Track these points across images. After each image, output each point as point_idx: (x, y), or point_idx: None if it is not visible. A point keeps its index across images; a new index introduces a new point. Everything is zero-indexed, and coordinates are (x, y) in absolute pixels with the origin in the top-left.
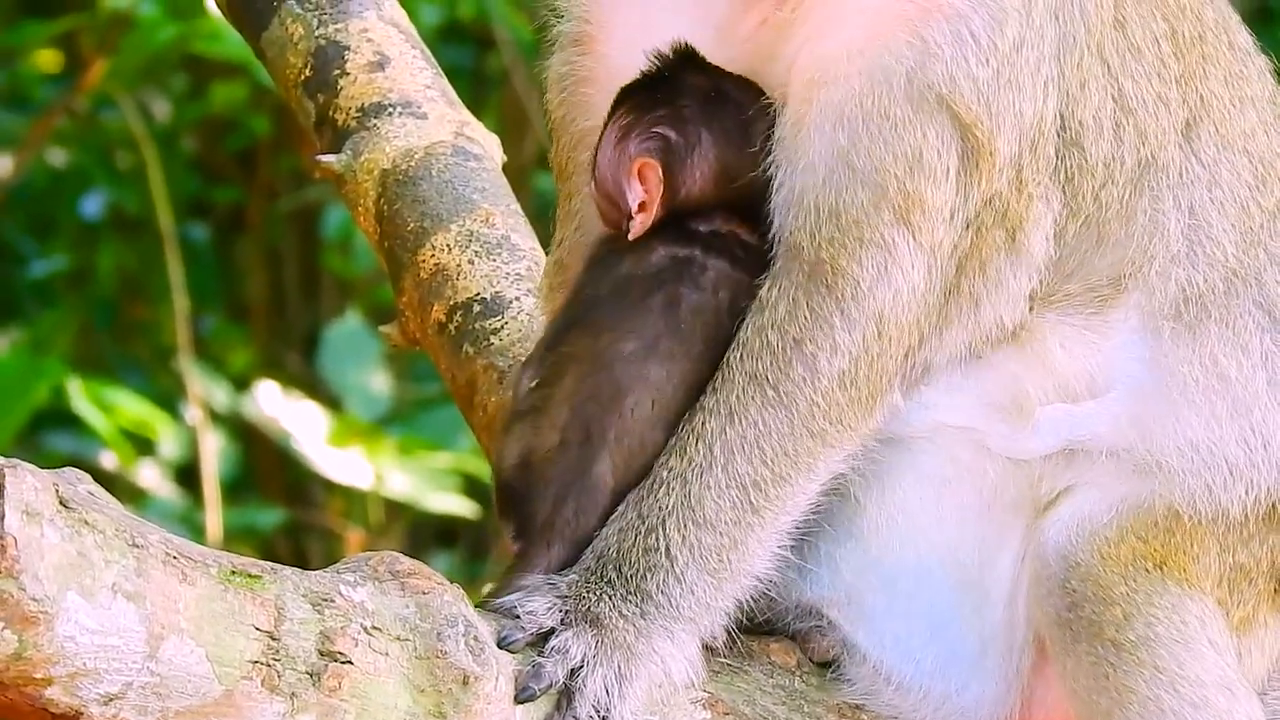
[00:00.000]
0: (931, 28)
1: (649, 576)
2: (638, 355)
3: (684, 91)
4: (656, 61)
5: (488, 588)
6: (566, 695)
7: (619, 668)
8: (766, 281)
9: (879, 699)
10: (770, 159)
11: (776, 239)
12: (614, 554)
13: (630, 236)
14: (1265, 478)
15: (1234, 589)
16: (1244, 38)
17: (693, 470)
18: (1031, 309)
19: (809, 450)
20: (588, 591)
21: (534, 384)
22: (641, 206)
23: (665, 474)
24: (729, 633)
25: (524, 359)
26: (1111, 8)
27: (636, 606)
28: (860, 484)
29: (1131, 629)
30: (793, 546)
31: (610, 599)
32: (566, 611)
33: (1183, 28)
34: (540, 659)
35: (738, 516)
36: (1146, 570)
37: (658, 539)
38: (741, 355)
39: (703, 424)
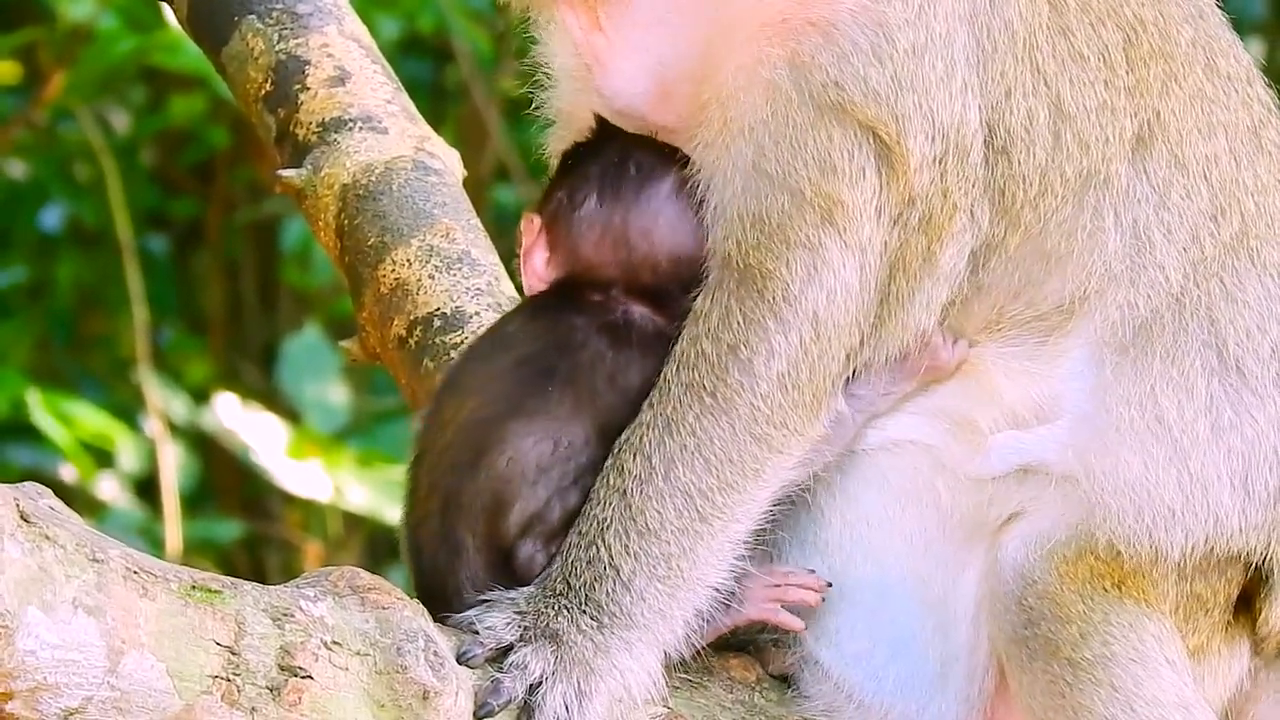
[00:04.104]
0: (805, 42)
1: (597, 586)
2: (496, 417)
3: (588, 161)
4: (586, 133)
5: None
6: (526, 711)
7: (578, 684)
8: (700, 294)
9: (840, 716)
10: (697, 179)
11: (710, 253)
12: (563, 569)
13: (525, 290)
14: (1203, 525)
15: (1189, 616)
16: (1232, 63)
17: (631, 482)
18: (974, 342)
19: (755, 456)
20: (546, 606)
21: (412, 458)
22: (524, 255)
23: (603, 490)
24: (690, 645)
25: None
26: (1046, 15)
27: (592, 619)
28: (825, 495)
29: (1088, 647)
30: (759, 559)
31: (568, 613)
32: (525, 627)
33: (1141, 41)
34: (499, 675)
35: (684, 525)
36: (1104, 589)
37: (598, 550)
38: (677, 367)
39: (640, 437)
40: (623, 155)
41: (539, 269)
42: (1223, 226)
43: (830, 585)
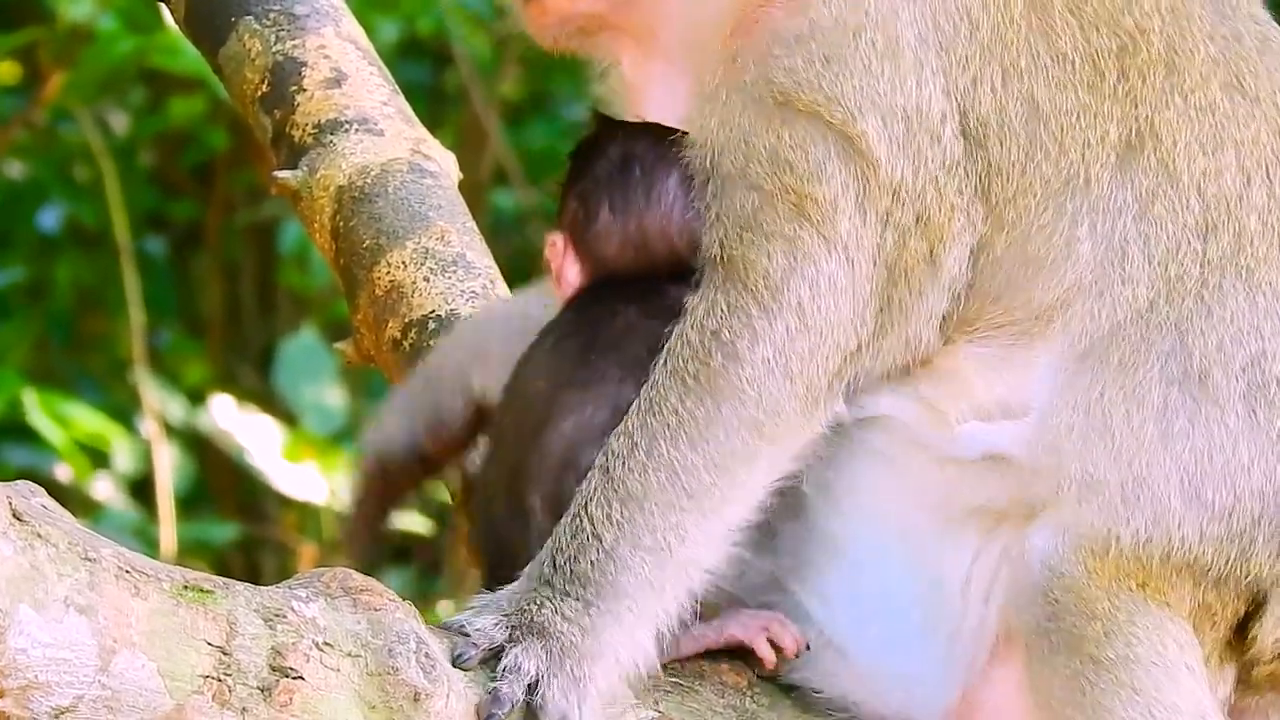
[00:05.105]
0: (737, 44)
1: (580, 558)
2: (551, 390)
3: (594, 162)
4: (584, 131)
5: (442, 604)
6: (530, 712)
7: (572, 672)
8: (691, 295)
9: (819, 668)
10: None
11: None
12: (550, 547)
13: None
14: (1152, 529)
15: (1198, 626)
16: (1263, 84)
17: (614, 458)
18: (949, 339)
19: (744, 440)
20: (528, 602)
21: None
22: (557, 276)
23: (589, 470)
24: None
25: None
26: (1019, 11)
27: (576, 599)
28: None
29: (1111, 647)
30: (756, 545)
31: (550, 602)
32: (512, 626)
33: (1140, 49)
34: (497, 683)
35: (670, 499)
36: (1130, 589)
37: (581, 522)
38: (665, 358)
39: (625, 421)
40: (625, 155)
41: (574, 282)
42: (1210, 243)
43: (809, 648)
